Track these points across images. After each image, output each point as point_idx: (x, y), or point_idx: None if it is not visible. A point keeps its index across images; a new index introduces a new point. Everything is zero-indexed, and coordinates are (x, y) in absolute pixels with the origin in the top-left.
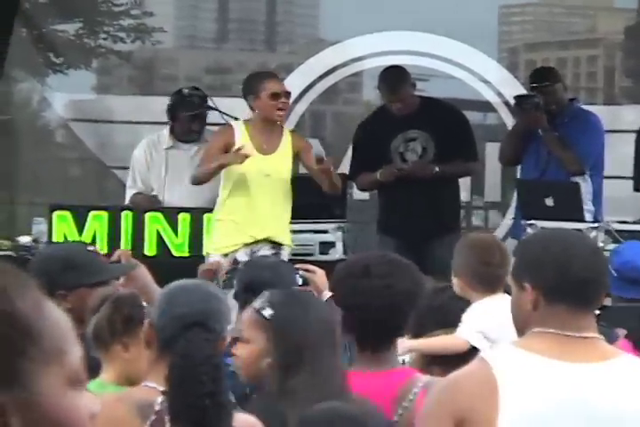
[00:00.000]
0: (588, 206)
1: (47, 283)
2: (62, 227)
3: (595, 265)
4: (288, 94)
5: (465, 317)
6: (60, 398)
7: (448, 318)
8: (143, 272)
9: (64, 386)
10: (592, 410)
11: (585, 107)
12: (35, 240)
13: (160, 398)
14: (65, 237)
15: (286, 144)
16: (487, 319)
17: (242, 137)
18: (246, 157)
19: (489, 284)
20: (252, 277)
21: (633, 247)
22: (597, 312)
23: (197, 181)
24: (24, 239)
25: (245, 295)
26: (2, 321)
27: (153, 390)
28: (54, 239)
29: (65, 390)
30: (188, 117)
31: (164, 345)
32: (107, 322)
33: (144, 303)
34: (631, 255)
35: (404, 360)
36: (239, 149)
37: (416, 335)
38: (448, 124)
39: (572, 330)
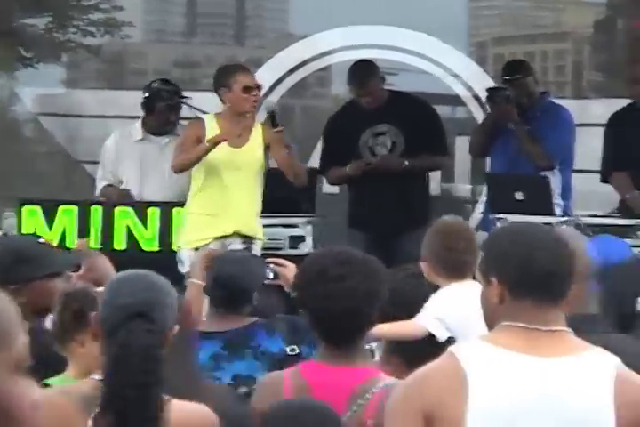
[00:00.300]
0: (557, 201)
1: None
2: (31, 221)
3: (560, 258)
4: (259, 87)
5: (428, 302)
6: (7, 383)
7: (404, 298)
8: (103, 262)
9: (9, 372)
10: (560, 404)
11: (555, 100)
12: (4, 234)
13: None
14: (34, 232)
15: (257, 137)
16: (448, 306)
17: (212, 130)
18: (224, 139)
19: (453, 269)
20: (221, 272)
21: (604, 241)
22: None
23: (178, 169)
24: None
25: (215, 290)
26: None
27: (99, 382)
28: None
29: (9, 376)
30: (165, 108)
31: (107, 336)
32: (58, 320)
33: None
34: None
35: (372, 351)
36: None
37: (380, 320)
38: (417, 117)
39: (540, 324)
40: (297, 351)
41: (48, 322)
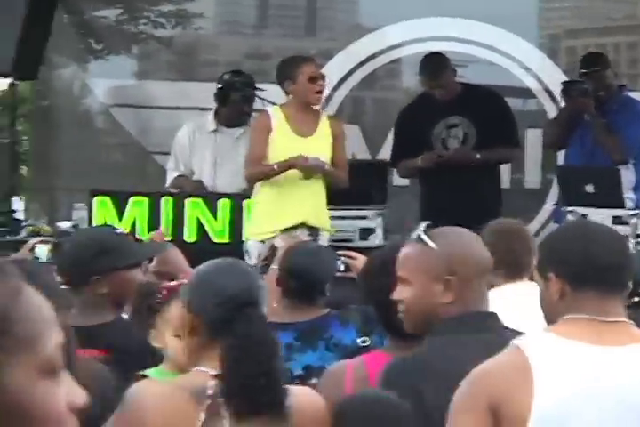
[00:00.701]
0: (628, 195)
1: (81, 269)
2: (102, 212)
3: (617, 250)
4: (324, 77)
5: None
6: (31, 388)
7: None
8: (175, 254)
9: (36, 376)
10: (625, 392)
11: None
12: (75, 226)
13: (212, 382)
14: (109, 223)
15: (324, 127)
16: (502, 307)
17: (279, 121)
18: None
19: (508, 269)
20: (294, 263)
21: None
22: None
23: (253, 179)
24: (64, 225)
25: (288, 281)
26: None
27: (204, 374)
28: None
29: (37, 380)
30: (239, 100)
31: (214, 329)
32: (137, 313)
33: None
34: None
35: None
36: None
37: None
38: (490, 110)
39: (601, 315)
40: (368, 343)
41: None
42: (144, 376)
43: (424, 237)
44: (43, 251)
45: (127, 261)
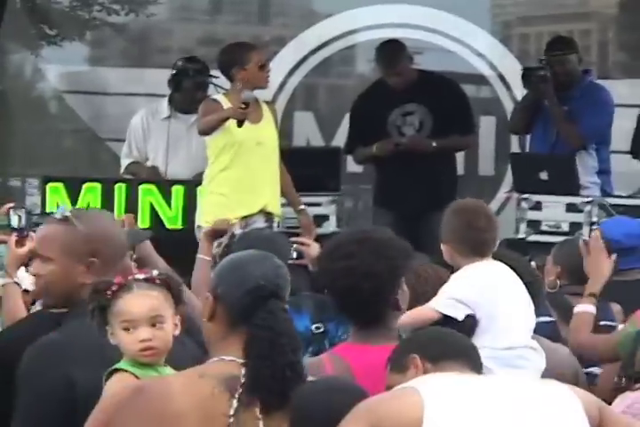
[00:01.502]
0: (593, 179)
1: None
2: (55, 199)
3: None
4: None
5: (444, 285)
6: None
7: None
8: (147, 242)
9: None
10: None
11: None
12: (28, 212)
13: (243, 371)
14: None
15: (267, 114)
16: (467, 284)
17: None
18: (244, 117)
19: (474, 248)
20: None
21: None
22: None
23: (202, 132)
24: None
25: None
26: None
27: (233, 363)
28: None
29: None
30: (192, 86)
31: (237, 317)
32: None
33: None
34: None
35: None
36: (244, 105)
37: None
38: (446, 97)
39: None
40: (322, 329)
41: None
42: (117, 371)
43: (70, 216)
44: (16, 218)
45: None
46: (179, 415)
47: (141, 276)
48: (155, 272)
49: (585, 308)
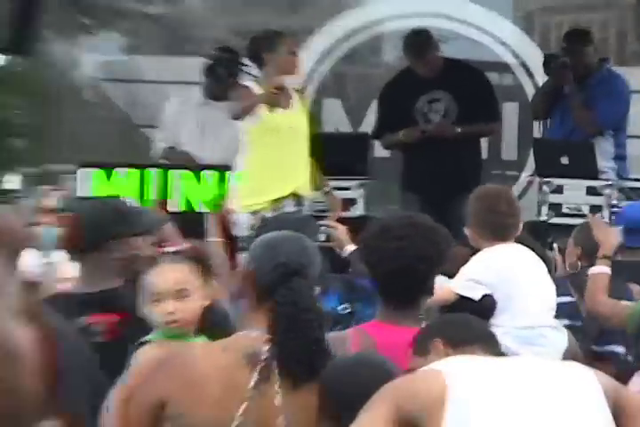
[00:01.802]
0: (609, 164)
1: (98, 234)
2: (93, 184)
3: None
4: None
5: (463, 267)
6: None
7: None
8: (170, 225)
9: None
10: None
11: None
12: (67, 197)
13: (266, 346)
14: (95, 194)
15: (298, 100)
16: (486, 265)
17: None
18: (276, 101)
19: (496, 232)
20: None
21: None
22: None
23: (234, 117)
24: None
25: None
26: None
27: (258, 337)
28: (84, 195)
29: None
30: (225, 74)
31: (263, 293)
32: None
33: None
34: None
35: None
36: (275, 92)
37: None
38: (471, 85)
39: None
40: (349, 310)
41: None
42: (146, 342)
43: None
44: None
45: (139, 229)
46: (202, 383)
47: (171, 249)
48: (184, 245)
49: (600, 269)
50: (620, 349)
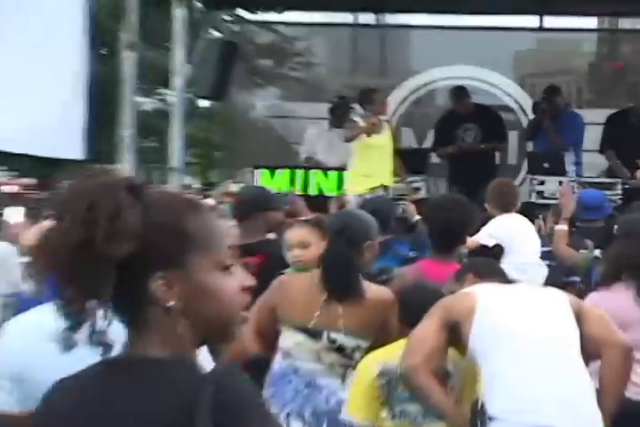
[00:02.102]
0: (572, 168)
1: (252, 207)
2: (261, 179)
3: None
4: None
5: (484, 227)
6: (207, 275)
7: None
8: (300, 203)
9: (212, 268)
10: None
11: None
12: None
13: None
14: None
15: (386, 128)
16: (498, 226)
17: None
18: (373, 131)
19: (503, 207)
20: (374, 206)
21: (589, 192)
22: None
23: (347, 139)
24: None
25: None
26: (173, 231)
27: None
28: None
29: (212, 271)
30: (343, 113)
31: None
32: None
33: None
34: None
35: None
36: (372, 124)
37: None
38: (489, 120)
39: None
40: (415, 255)
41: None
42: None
43: None
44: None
45: (276, 205)
46: (295, 297)
47: (302, 218)
48: (309, 217)
49: (561, 227)
50: (577, 279)
